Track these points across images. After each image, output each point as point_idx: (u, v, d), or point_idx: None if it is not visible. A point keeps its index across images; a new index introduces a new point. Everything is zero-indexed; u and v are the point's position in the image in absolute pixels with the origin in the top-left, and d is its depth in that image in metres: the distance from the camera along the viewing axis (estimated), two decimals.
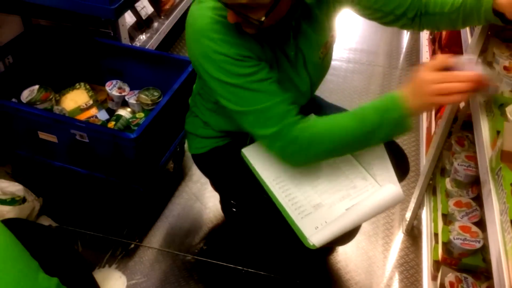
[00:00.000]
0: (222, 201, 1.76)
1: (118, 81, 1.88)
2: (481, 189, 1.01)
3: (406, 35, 2.85)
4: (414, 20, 1.19)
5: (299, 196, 1.18)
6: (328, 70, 1.33)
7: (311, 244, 1.09)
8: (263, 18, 0.97)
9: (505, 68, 1.13)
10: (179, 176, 1.94)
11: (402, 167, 1.32)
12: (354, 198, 1.17)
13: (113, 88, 1.85)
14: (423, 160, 1.78)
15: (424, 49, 2.31)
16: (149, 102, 1.73)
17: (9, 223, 0.94)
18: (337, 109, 1.46)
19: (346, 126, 1.06)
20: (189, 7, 1.16)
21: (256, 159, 1.25)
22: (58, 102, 1.83)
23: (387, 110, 1.03)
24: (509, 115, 1.00)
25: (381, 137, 1.07)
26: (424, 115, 1.99)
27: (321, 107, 1.45)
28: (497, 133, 1.02)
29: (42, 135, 1.58)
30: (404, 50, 2.75)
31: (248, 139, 1.29)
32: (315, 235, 1.10)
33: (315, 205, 1.16)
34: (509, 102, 1.07)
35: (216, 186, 1.61)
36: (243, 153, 1.27)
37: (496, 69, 1.16)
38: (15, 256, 0.74)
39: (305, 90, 1.25)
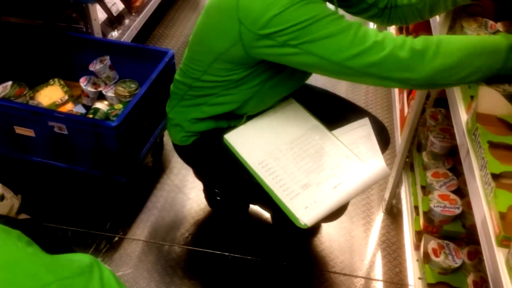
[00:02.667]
0: (205, 190, 1.77)
1: (92, 76, 1.86)
2: (459, 151, 1.06)
3: (373, 27, 2.93)
4: (384, 11, 1.23)
5: (286, 178, 1.19)
6: None
7: (303, 223, 1.11)
8: None
9: None
10: (160, 169, 1.94)
11: (383, 138, 1.36)
12: (340, 177, 1.19)
13: (87, 84, 1.83)
14: (399, 140, 1.83)
15: None
16: (127, 94, 1.73)
17: None
18: (327, 95, 1.49)
19: (470, 38, 1.01)
20: (159, 4, 1.15)
21: (239, 144, 1.26)
22: (32, 99, 1.80)
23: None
24: None
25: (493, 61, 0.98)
26: (396, 98, 2.06)
27: (312, 93, 1.47)
28: (470, 98, 1.08)
29: (19, 130, 1.55)
30: None
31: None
32: (305, 215, 1.12)
33: (303, 185, 1.18)
34: None
35: (199, 174, 1.62)
36: (226, 139, 1.27)
37: None
38: None
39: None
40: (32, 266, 0.68)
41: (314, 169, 1.20)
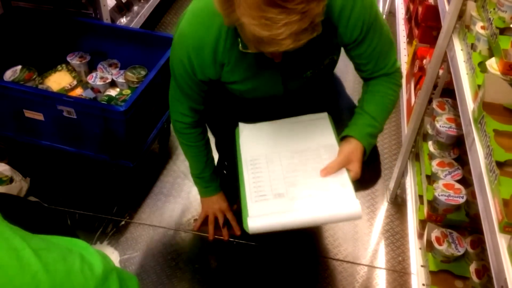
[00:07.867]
0: (218, 163, 1.78)
1: (98, 72, 1.86)
2: (465, 139, 1.07)
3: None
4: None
5: (266, 181, 1.10)
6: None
7: (248, 227, 1.02)
8: None
9: (482, 28, 1.19)
10: (166, 155, 1.96)
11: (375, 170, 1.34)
12: (319, 201, 1.06)
13: (95, 80, 1.82)
14: (405, 130, 1.83)
15: (400, 28, 2.37)
16: (135, 80, 1.74)
17: None
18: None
19: None
20: None
21: (244, 136, 1.23)
22: (41, 84, 1.82)
23: None
24: (489, 68, 1.06)
25: None
26: (404, 88, 2.05)
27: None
28: (478, 87, 1.08)
29: (28, 114, 1.57)
30: None
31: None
32: (254, 218, 1.03)
33: (277, 194, 1.08)
34: (487, 59, 1.13)
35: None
36: (238, 127, 1.26)
37: (474, 30, 1.22)
38: None
39: (276, 93, 1.23)
40: (4, 231, 0.63)
41: (299, 183, 1.08)
